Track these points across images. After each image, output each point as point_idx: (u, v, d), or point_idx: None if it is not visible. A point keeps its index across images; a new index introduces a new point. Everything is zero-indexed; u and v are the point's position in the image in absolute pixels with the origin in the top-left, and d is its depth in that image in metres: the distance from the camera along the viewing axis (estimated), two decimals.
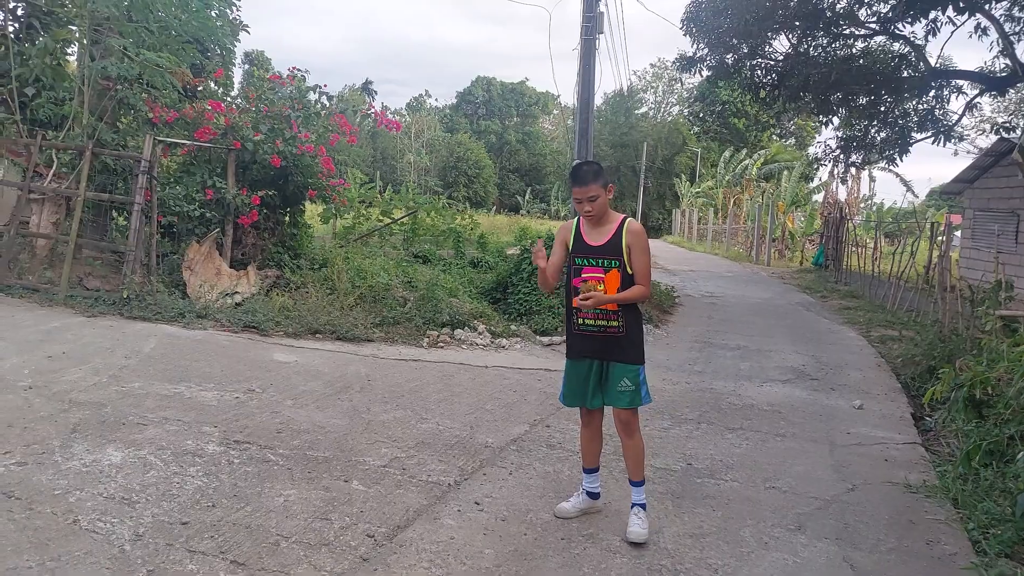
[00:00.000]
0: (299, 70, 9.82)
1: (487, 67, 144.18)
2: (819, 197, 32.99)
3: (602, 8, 13.46)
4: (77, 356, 5.82)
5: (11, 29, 8.73)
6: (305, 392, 5.53)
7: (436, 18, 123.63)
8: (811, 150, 36.89)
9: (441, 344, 7.68)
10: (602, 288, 3.48)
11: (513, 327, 8.65)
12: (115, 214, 9.00)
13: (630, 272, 3.51)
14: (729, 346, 9.09)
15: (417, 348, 7.48)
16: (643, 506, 3.64)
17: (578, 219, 3.66)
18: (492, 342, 8.03)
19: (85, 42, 8.13)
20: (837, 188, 30.27)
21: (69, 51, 8.67)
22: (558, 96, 69.41)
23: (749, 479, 4.47)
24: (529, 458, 4.58)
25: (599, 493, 3.85)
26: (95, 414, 4.59)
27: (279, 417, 4.90)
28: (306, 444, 4.45)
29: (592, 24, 13.50)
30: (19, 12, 8.86)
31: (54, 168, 8.17)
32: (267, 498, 3.66)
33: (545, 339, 8.58)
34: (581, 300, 3.46)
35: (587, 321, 3.57)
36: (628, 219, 3.60)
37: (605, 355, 3.61)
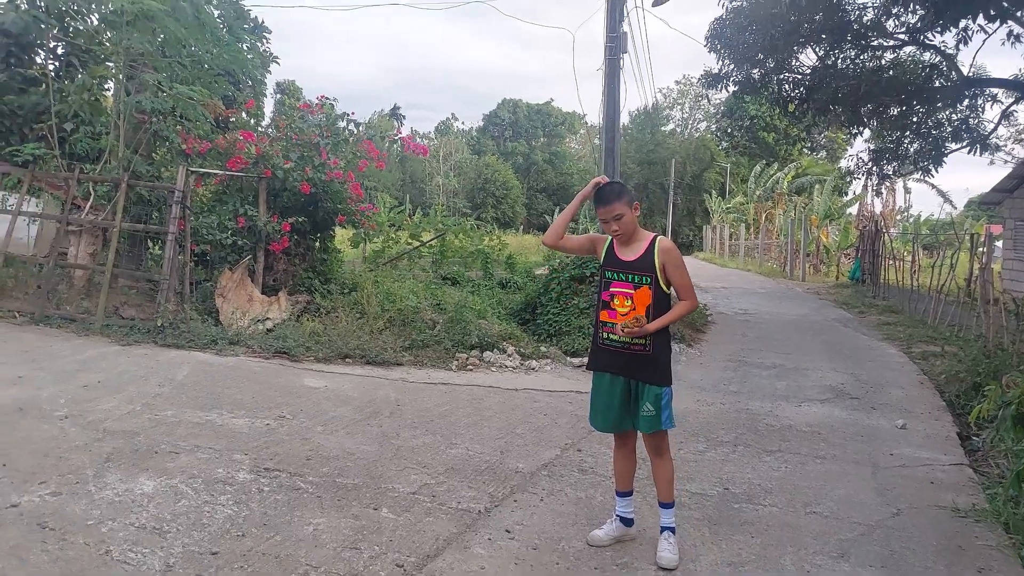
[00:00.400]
0: (327, 98, 9.99)
1: (514, 89, 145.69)
2: (853, 210, 32.48)
3: (625, 28, 13.49)
4: (112, 385, 5.90)
5: (51, 68, 9.04)
6: (335, 418, 5.53)
7: (463, 42, 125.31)
8: (843, 163, 36.37)
9: (470, 367, 7.64)
10: (629, 304, 3.47)
11: (543, 348, 8.59)
12: (150, 244, 9.20)
13: (666, 290, 3.52)
14: (764, 365, 8.90)
15: (446, 371, 7.46)
16: (673, 530, 3.57)
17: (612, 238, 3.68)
18: (521, 364, 7.97)
19: (121, 78, 8.38)
20: (872, 201, 29.80)
21: (106, 87, 8.94)
22: (584, 116, 69.69)
23: (789, 504, 4.33)
24: (561, 483, 4.50)
25: (633, 519, 3.76)
26: (128, 443, 4.63)
27: (309, 444, 4.89)
28: (336, 471, 4.43)
29: (616, 44, 13.52)
30: (59, 51, 9.18)
31: (91, 200, 8.39)
32: (296, 527, 3.64)
33: (576, 360, 8.48)
34: (625, 331, 3.46)
35: (612, 336, 3.55)
36: (659, 237, 3.59)
37: (631, 374, 3.56)
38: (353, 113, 10.25)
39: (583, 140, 70.72)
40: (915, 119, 15.25)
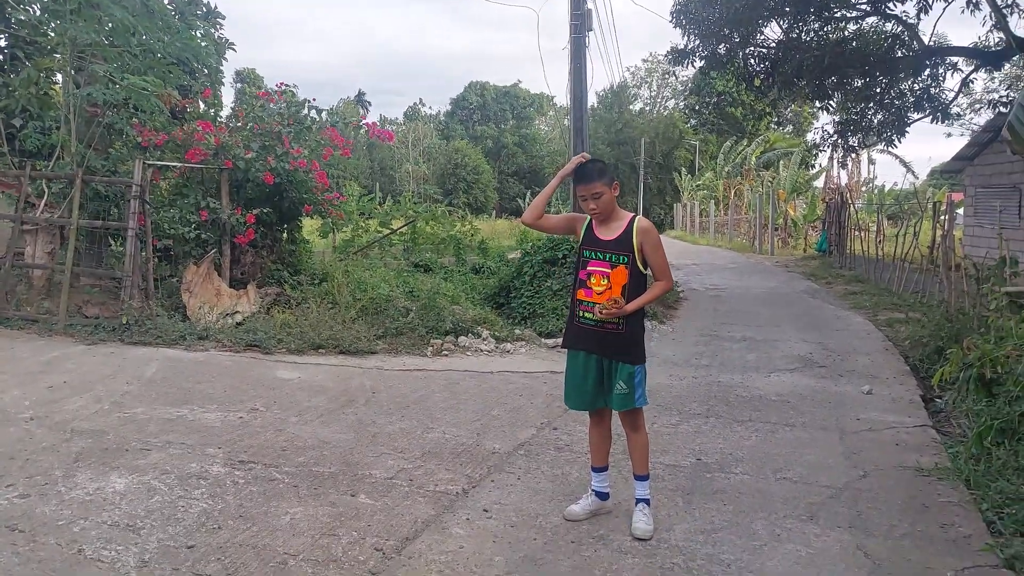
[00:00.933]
0: (287, 85, 9.83)
1: (482, 72, 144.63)
2: (820, 183, 32.92)
3: (590, 5, 13.46)
4: (78, 385, 5.80)
5: None
6: (309, 408, 5.50)
7: (429, 26, 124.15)
8: (809, 136, 36.77)
9: (445, 352, 7.64)
10: (605, 283, 3.48)
11: (517, 331, 8.61)
12: (111, 241, 9.01)
13: (643, 270, 3.53)
14: (735, 338, 9.02)
15: (421, 358, 7.45)
16: (648, 501, 3.63)
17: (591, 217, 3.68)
18: (496, 347, 7.99)
19: (69, 70, 8.15)
20: (838, 173, 30.22)
21: (54, 80, 8.70)
22: (553, 97, 69.44)
23: (759, 471, 4.41)
24: (537, 462, 4.54)
25: (608, 493, 3.81)
26: (97, 442, 4.57)
27: (284, 435, 4.86)
28: (311, 460, 4.41)
29: (581, 22, 13.48)
30: (2, 43, 8.89)
31: (45, 198, 8.18)
32: (273, 517, 3.63)
33: (550, 341, 8.52)
34: (603, 312, 3.47)
35: (587, 315, 3.56)
36: (638, 217, 3.59)
37: (605, 352, 3.59)
38: (314, 100, 10.12)
39: (552, 121, 70.64)
40: (878, 90, 15.44)
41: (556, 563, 3.26)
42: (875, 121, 16.23)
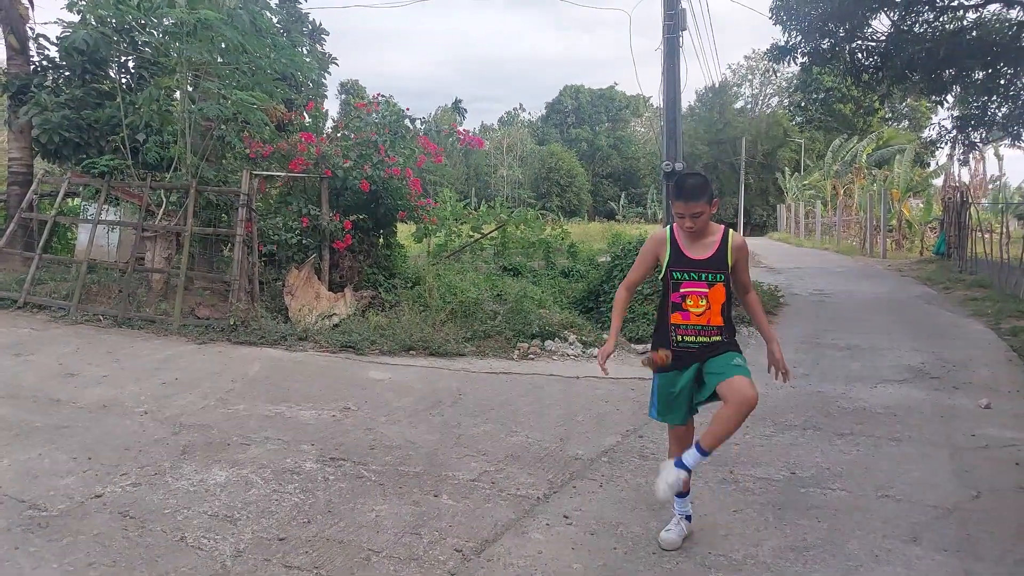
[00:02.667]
0: (383, 96, 10.15)
1: (578, 75, 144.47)
2: (939, 181, 30.82)
3: (684, 4, 13.17)
4: (188, 382, 6.20)
5: (123, 81, 9.52)
6: (398, 408, 5.64)
7: (526, 32, 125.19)
8: (926, 132, 34.50)
9: (531, 356, 7.65)
10: (704, 304, 3.29)
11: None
12: (221, 246, 9.58)
13: (730, 284, 3.41)
14: (838, 346, 8.56)
15: (507, 361, 7.50)
16: (689, 471, 3.28)
17: (671, 229, 3.43)
18: (583, 352, 7.93)
19: (187, 87, 8.75)
20: (958, 171, 28.18)
21: (173, 97, 9.36)
22: (648, 98, 68.38)
23: (859, 487, 4.16)
24: (620, 470, 4.46)
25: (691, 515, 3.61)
26: (202, 436, 4.86)
27: (373, 434, 5.00)
28: (398, 460, 4.52)
29: (674, 21, 13.20)
30: (130, 65, 9.66)
31: (164, 207, 8.81)
32: (360, 513, 3.73)
33: (639, 347, 8.37)
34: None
35: (686, 338, 3.35)
36: (730, 232, 3.41)
37: (702, 358, 3.37)
38: (408, 109, 10.40)
39: (648, 123, 69.60)
40: (1002, 82, 14.31)
41: (635, 573, 3.20)
42: (999, 115, 15.04)
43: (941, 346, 8.41)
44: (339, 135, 9.96)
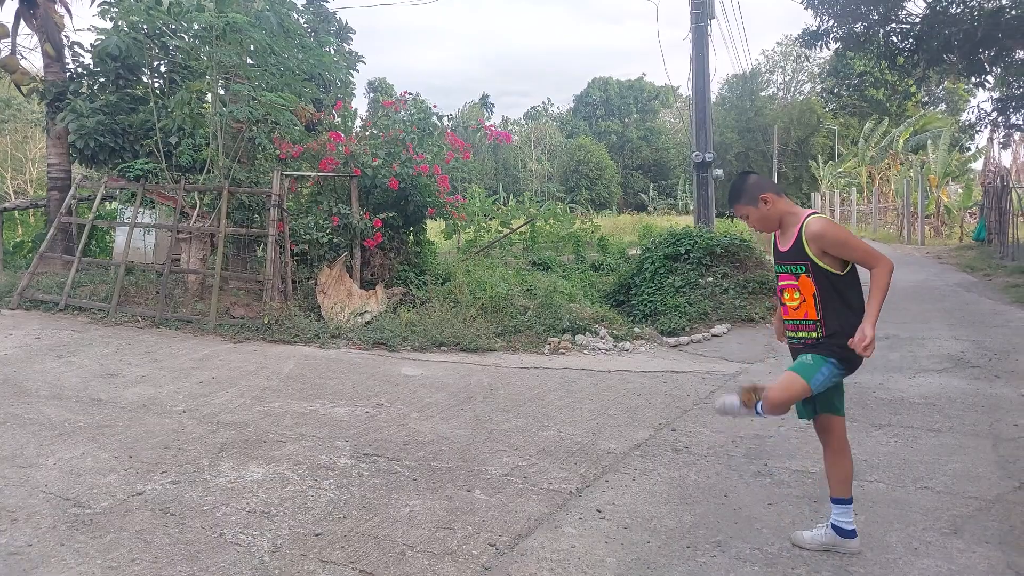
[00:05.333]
0: (410, 93, 10.19)
1: (606, 67, 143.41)
2: (978, 165, 29.99)
3: None
4: (224, 380, 6.31)
5: (156, 86, 9.70)
6: (430, 404, 5.67)
7: (552, 26, 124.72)
8: (964, 116, 33.57)
9: (562, 351, 7.64)
10: (798, 297, 3.18)
11: (637, 330, 8.46)
12: (254, 246, 9.73)
13: (836, 272, 3.12)
14: (876, 335, 8.37)
15: (538, 355, 7.49)
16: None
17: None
18: (615, 346, 7.89)
19: (217, 90, 8.88)
20: (998, 154, 27.35)
21: (204, 100, 9.51)
22: (677, 87, 67.69)
23: (897, 479, 4.08)
24: (653, 463, 4.43)
25: (853, 530, 3.25)
26: (239, 434, 4.94)
27: (406, 430, 5.04)
28: (431, 455, 4.54)
29: (702, 10, 13.05)
30: (162, 69, 9.84)
31: (198, 209, 8.97)
32: (394, 508, 3.76)
33: (671, 340, 8.32)
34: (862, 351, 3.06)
35: (788, 333, 3.32)
36: (809, 219, 3.16)
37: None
38: (436, 106, 10.42)
39: (679, 113, 68.90)
40: None
41: (670, 568, 3.17)
42: None
43: (982, 334, 8.20)
44: (367, 134, 10.03)
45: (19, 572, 3.08)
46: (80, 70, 10.67)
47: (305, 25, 10.57)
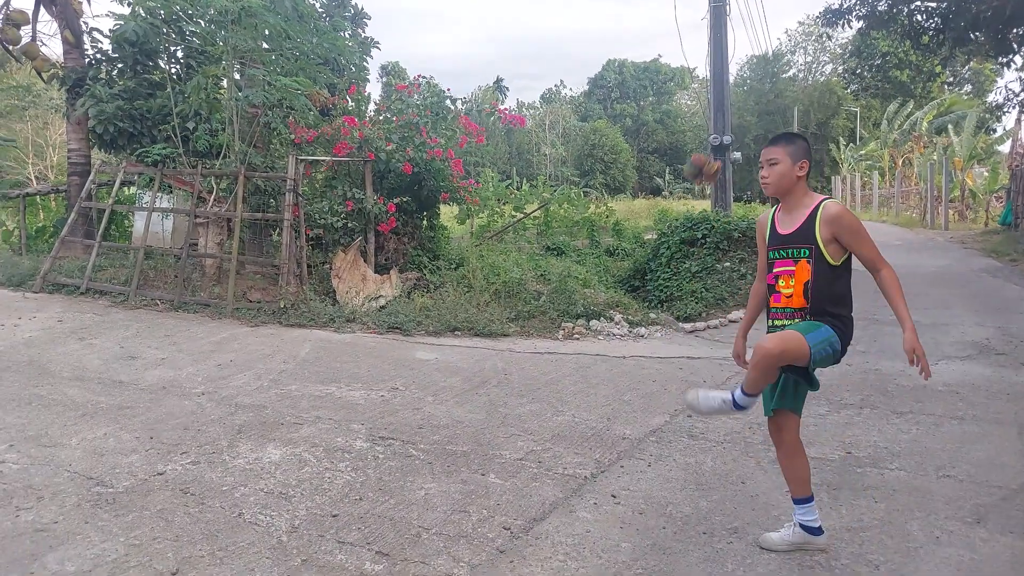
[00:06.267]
0: (423, 77, 10.14)
1: (621, 49, 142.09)
2: (1005, 148, 29.39)
3: None
4: (242, 363, 6.36)
5: (173, 71, 9.72)
6: (445, 388, 5.68)
7: (566, 7, 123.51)
8: (991, 97, 32.88)
9: (576, 336, 7.62)
10: (793, 283, 3.03)
11: (652, 315, 8.41)
12: (270, 231, 9.77)
13: (833, 262, 2.99)
14: (897, 322, 8.27)
15: (552, 340, 7.48)
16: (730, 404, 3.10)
17: (774, 210, 3.21)
18: (630, 332, 7.85)
19: (233, 75, 8.89)
20: None
21: (221, 85, 9.52)
22: (694, 68, 66.98)
23: (919, 467, 4.03)
24: (669, 449, 4.42)
25: (819, 528, 3.14)
26: (257, 416, 4.98)
27: (420, 413, 5.06)
28: (445, 439, 4.56)
29: None
30: (179, 55, 9.85)
31: (214, 193, 9.01)
32: (409, 491, 3.78)
33: (687, 325, 8.27)
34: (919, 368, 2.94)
35: (776, 322, 3.12)
36: (827, 201, 3.01)
37: None
38: (449, 89, 10.37)
39: (695, 95, 68.17)
40: None
41: (685, 553, 3.16)
42: None
43: (1007, 320, 8.08)
44: (381, 118, 10.01)
45: (46, 548, 3.14)
46: (99, 56, 10.72)
47: (320, 9, 10.54)
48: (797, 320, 3.03)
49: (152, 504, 3.58)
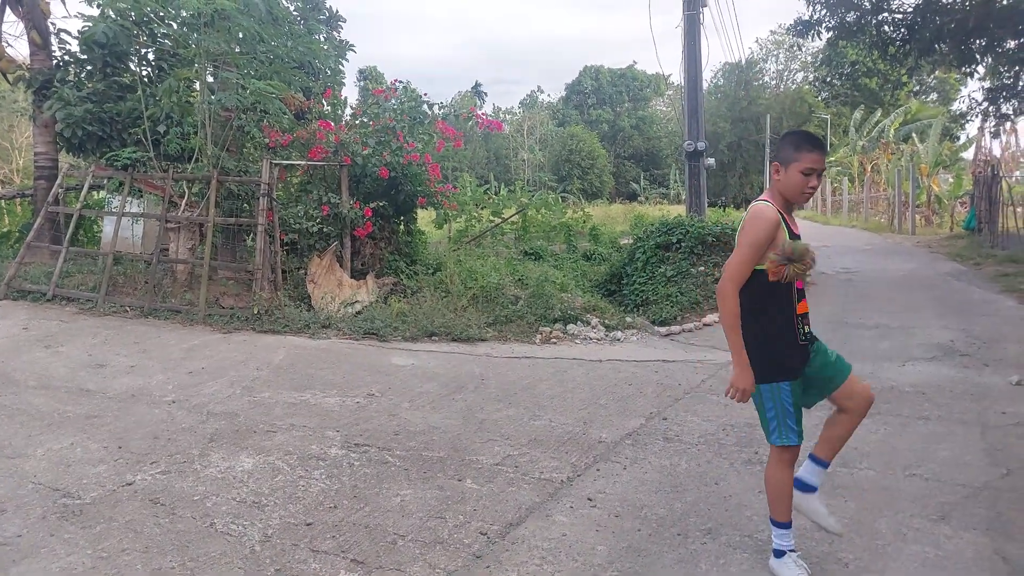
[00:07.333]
0: (400, 81, 10.13)
1: (597, 55, 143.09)
2: (969, 154, 30.09)
3: None
4: (214, 370, 6.28)
5: (144, 74, 9.58)
6: (421, 394, 5.66)
7: (544, 14, 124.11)
8: (955, 105, 33.62)
9: (554, 340, 7.64)
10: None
11: (628, 319, 8.47)
12: (244, 236, 9.66)
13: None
14: (866, 325, 8.43)
15: (530, 345, 7.49)
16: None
17: (776, 208, 2.88)
18: (607, 335, 7.90)
19: (205, 78, 8.79)
20: (989, 144, 27.47)
21: (193, 88, 9.42)
22: (669, 75, 67.61)
23: (887, 467, 4.11)
24: (645, 452, 4.45)
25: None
26: (230, 424, 4.92)
27: (397, 419, 5.04)
28: (422, 445, 4.54)
29: None
30: (150, 57, 9.72)
31: (186, 198, 8.89)
32: (385, 498, 3.77)
33: (663, 329, 8.33)
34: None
35: (805, 329, 2.91)
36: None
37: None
38: (426, 94, 10.36)
39: (670, 102, 68.83)
40: None
41: (660, 555, 3.19)
42: None
43: (972, 323, 8.26)
44: (358, 122, 9.96)
45: (9, 562, 3.07)
46: (67, 58, 10.54)
47: (295, 13, 10.48)
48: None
49: (121, 515, 3.52)
